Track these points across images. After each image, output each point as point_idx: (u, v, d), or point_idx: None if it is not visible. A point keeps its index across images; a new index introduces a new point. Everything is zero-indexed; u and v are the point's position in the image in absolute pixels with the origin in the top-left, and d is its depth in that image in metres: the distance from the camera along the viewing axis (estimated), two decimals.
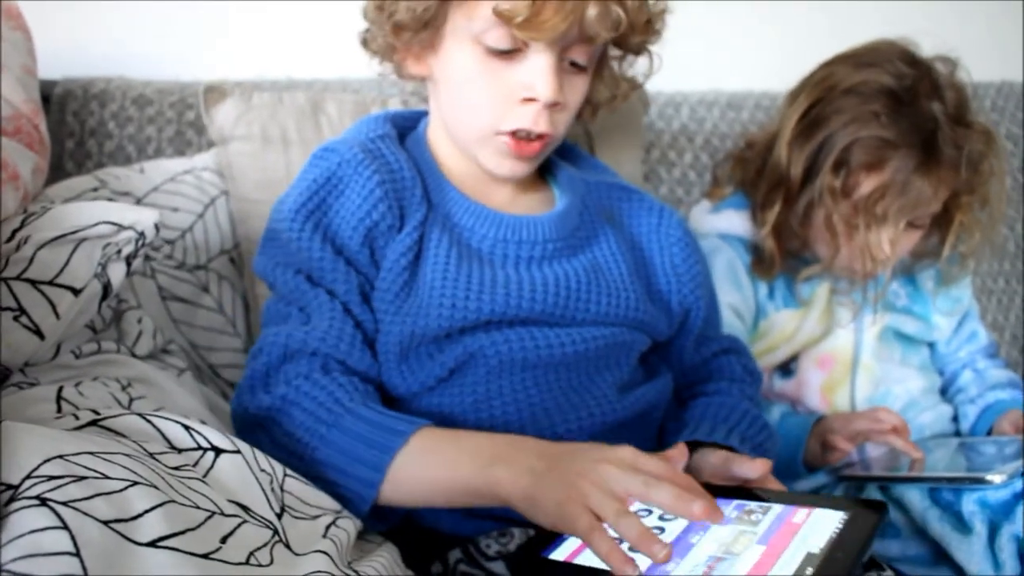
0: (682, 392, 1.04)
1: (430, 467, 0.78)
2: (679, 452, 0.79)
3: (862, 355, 1.25)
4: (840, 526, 0.67)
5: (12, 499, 0.54)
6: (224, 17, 1.42)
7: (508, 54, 0.87)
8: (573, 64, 0.91)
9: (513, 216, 0.95)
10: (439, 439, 0.80)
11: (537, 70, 0.87)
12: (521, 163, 0.93)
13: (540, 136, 0.90)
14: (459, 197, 0.95)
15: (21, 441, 0.58)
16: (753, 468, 0.80)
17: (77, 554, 0.51)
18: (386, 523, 0.83)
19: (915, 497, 1.08)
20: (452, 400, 0.88)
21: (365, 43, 0.99)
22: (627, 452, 0.74)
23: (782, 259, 1.22)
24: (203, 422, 0.74)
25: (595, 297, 0.93)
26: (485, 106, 0.90)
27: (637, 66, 1.03)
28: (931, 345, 1.34)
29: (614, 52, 1.00)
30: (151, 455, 0.65)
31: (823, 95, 1.17)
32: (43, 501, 0.53)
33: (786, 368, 1.27)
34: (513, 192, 0.99)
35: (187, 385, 0.96)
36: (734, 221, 1.27)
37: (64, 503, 0.54)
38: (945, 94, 1.13)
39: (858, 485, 1.17)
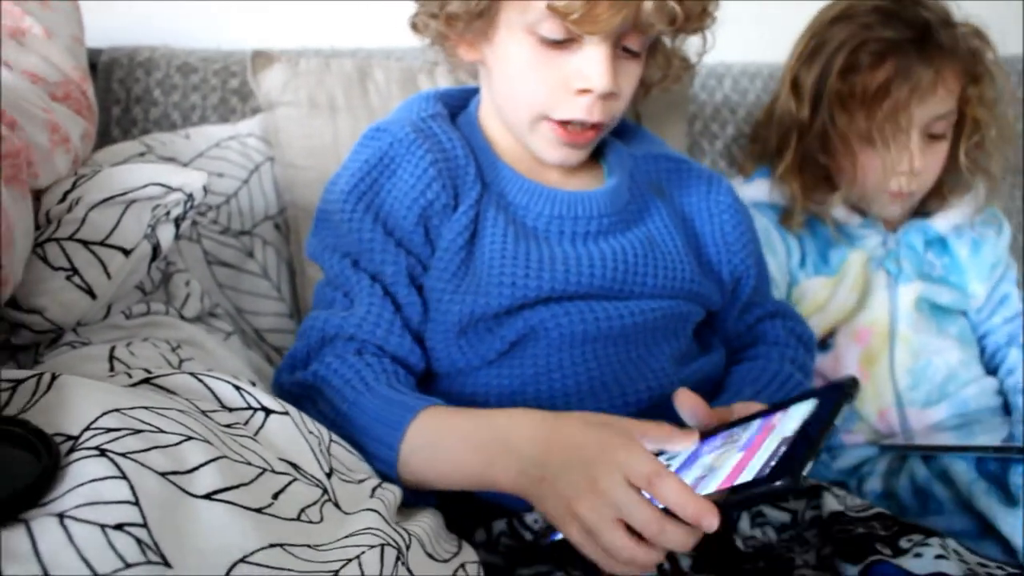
0: (729, 361, 1.03)
1: (436, 461, 0.78)
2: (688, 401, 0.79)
3: (899, 326, 1.24)
4: (813, 408, 0.69)
5: (72, 449, 0.55)
6: None
7: (562, 43, 0.86)
8: (626, 50, 0.90)
9: (567, 192, 0.94)
10: (441, 424, 0.79)
11: (593, 61, 0.86)
12: (573, 151, 0.93)
13: (594, 125, 0.90)
14: (513, 175, 0.95)
15: (79, 394, 0.59)
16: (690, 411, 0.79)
17: (136, 503, 0.52)
18: (421, 502, 0.81)
19: (961, 469, 1.07)
20: (512, 372, 0.88)
21: (415, 27, 0.98)
22: (619, 455, 0.69)
23: (804, 199, 1.25)
24: (253, 383, 0.75)
25: (651, 271, 0.93)
26: (539, 95, 0.89)
27: (688, 44, 1.01)
28: (966, 314, 1.33)
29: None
30: (203, 412, 0.66)
31: (815, 31, 1.25)
32: (102, 452, 0.54)
33: (823, 344, 1.26)
34: (565, 170, 0.98)
35: (234, 348, 0.97)
36: (764, 189, 1.30)
37: (123, 454, 0.55)
38: (929, 4, 1.20)
39: (901, 455, 1.16)
